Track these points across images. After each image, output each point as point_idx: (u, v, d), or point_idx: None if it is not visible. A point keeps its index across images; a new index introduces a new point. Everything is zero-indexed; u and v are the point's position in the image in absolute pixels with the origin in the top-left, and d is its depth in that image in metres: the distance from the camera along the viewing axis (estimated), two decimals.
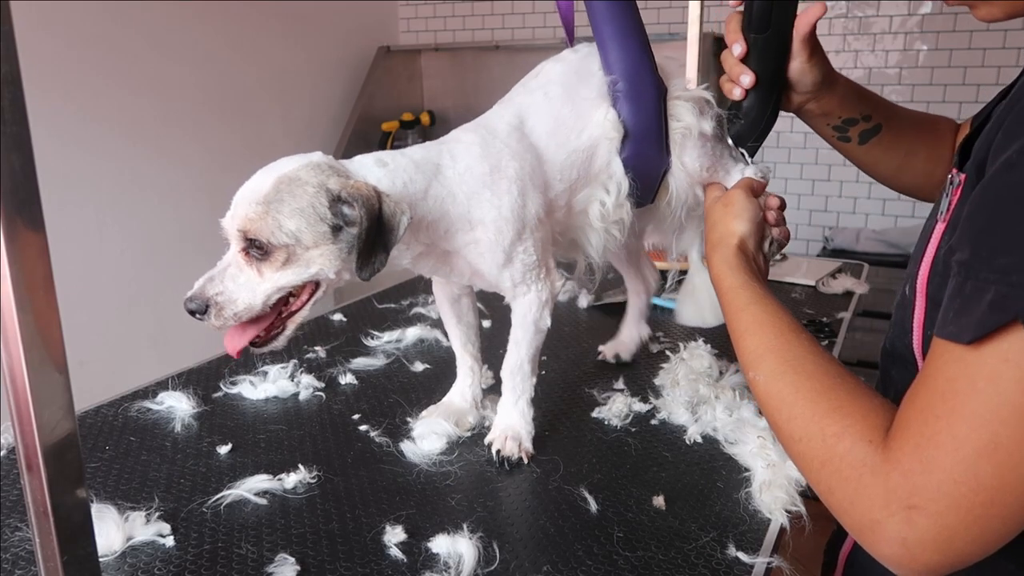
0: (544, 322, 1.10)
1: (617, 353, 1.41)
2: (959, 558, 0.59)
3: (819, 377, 0.72)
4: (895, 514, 0.59)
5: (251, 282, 0.90)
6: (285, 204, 0.88)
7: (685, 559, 0.85)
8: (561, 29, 1.22)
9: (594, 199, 1.12)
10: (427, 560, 0.85)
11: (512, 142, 1.05)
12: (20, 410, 0.56)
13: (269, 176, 0.90)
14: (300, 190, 0.88)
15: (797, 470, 0.75)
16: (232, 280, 0.90)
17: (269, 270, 0.90)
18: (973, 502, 0.56)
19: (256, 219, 0.88)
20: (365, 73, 3.52)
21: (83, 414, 1.21)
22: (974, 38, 2.71)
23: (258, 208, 0.88)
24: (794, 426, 0.70)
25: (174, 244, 2.77)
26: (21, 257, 0.53)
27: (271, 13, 3.08)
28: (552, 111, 1.09)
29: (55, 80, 2.37)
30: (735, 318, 0.85)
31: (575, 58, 1.14)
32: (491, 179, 1.01)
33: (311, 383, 1.31)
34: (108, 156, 2.56)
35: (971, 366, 0.57)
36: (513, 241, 1.02)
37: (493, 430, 1.10)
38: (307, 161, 0.91)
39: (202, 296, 0.90)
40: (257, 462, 1.07)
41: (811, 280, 1.86)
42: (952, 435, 0.57)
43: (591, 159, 1.10)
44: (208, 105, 2.89)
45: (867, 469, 0.62)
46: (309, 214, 0.88)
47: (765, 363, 0.77)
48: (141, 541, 0.89)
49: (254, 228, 0.88)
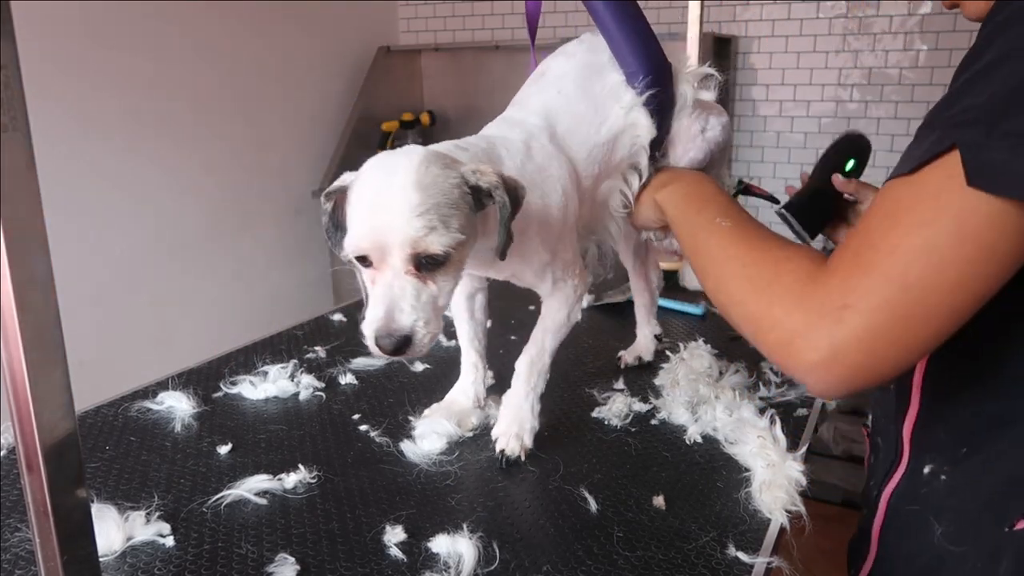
0: (575, 315, 1.11)
1: (638, 355, 1.40)
2: (881, 364, 0.63)
3: (769, 236, 0.81)
4: (828, 315, 0.64)
5: (433, 298, 0.85)
6: (443, 208, 0.83)
7: (685, 559, 0.85)
8: (562, 29, 1.23)
9: (615, 190, 1.13)
10: (427, 560, 0.85)
11: (545, 141, 1.04)
12: (20, 410, 0.56)
13: (402, 185, 0.82)
14: (447, 184, 0.84)
15: (739, 311, 0.76)
16: (420, 302, 0.84)
17: (441, 278, 0.86)
18: (902, 300, 0.61)
19: (424, 234, 0.81)
20: (365, 73, 3.51)
21: (83, 414, 1.20)
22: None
23: (418, 221, 0.81)
24: (747, 259, 0.78)
25: (174, 244, 2.77)
26: (21, 257, 0.53)
27: (271, 13, 3.07)
28: (570, 108, 1.08)
29: (55, 80, 2.37)
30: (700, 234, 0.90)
31: (582, 51, 1.13)
32: (540, 178, 1.01)
33: (311, 383, 1.31)
34: (108, 156, 2.56)
35: (914, 185, 0.62)
36: (557, 239, 1.03)
37: (499, 423, 1.10)
38: (419, 157, 0.86)
39: (399, 331, 0.83)
40: (257, 462, 1.07)
41: None
42: (890, 242, 0.62)
43: (611, 152, 1.10)
44: (208, 105, 2.88)
45: (809, 279, 0.68)
46: (463, 208, 0.85)
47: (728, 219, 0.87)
48: (141, 541, 0.89)
49: (427, 243, 0.82)
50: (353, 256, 0.86)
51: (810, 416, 1.19)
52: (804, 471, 0.97)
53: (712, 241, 0.85)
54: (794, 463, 0.98)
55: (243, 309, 2.95)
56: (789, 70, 2.99)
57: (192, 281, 2.80)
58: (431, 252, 0.83)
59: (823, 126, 2.97)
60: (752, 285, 0.74)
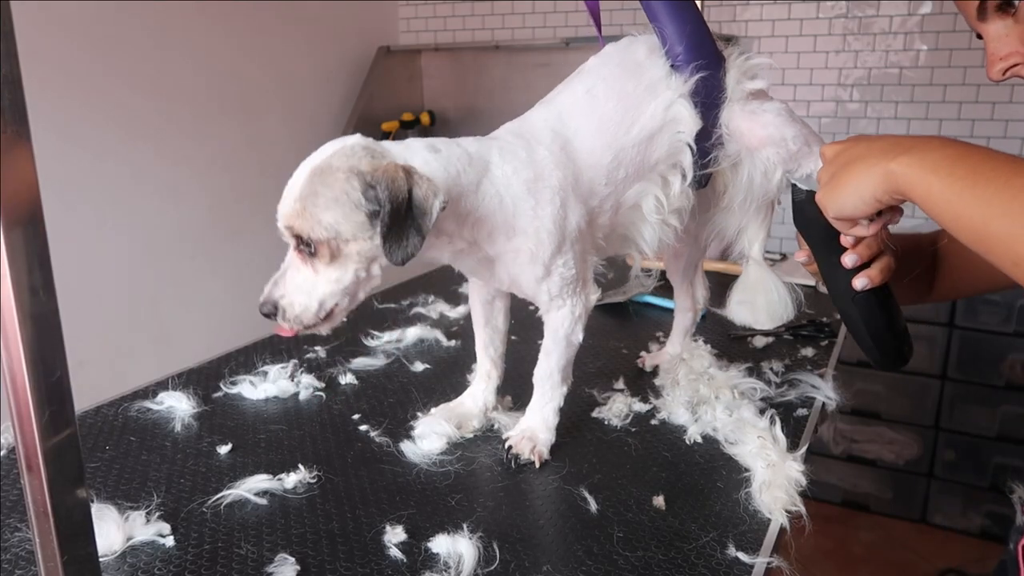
0: (576, 336, 1.07)
1: (657, 364, 1.37)
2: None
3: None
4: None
5: (308, 281, 0.90)
6: (320, 197, 0.87)
7: (685, 559, 0.85)
8: (562, 29, 1.22)
9: (648, 193, 1.08)
10: (427, 560, 0.85)
11: (555, 148, 1.01)
12: (20, 410, 0.56)
13: (304, 168, 0.90)
14: (331, 179, 0.87)
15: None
16: (291, 281, 0.91)
17: (321, 265, 0.90)
18: None
19: (295, 216, 0.88)
20: (365, 73, 3.51)
21: (83, 414, 1.20)
22: (974, 38, 2.71)
23: (296, 204, 0.88)
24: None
25: (174, 244, 2.77)
26: (21, 257, 0.53)
27: (271, 13, 3.07)
28: (596, 109, 1.04)
29: (55, 80, 2.37)
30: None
31: (616, 51, 1.10)
32: (535, 187, 0.98)
33: (311, 383, 1.31)
34: (108, 156, 2.55)
35: None
36: (553, 254, 1.00)
37: (515, 428, 1.10)
38: (340, 146, 0.90)
39: (270, 300, 0.92)
40: (257, 462, 1.07)
41: (810, 280, 1.86)
42: None
43: (645, 153, 1.05)
44: (208, 105, 2.88)
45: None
46: (344, 202, 0.87)
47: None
48: (141, 541, 0.89)
49: (296, 225, 0.88)
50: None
51: (810, 416, 1.19)
52: (804, 471, 0.97)
53: (1020, 181, 0.68)
54: (794, 463, 0.98)
55: (243, 309, 2.94)
56: (789, 70, 2.99)
57: (192, 281, 2.80)
58: (299, 234, 0.88)
59: (823, 126, 2.97)
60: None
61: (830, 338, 1.52)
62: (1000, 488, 2.60)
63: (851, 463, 2.85)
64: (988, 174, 0.71)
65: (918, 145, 0.77)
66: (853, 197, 0.80)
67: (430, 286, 1.87)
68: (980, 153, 0.73)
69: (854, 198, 0.80)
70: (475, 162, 0.95)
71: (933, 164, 0.75)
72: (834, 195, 0.83)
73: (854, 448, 2.83)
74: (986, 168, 0.71)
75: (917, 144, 0.77)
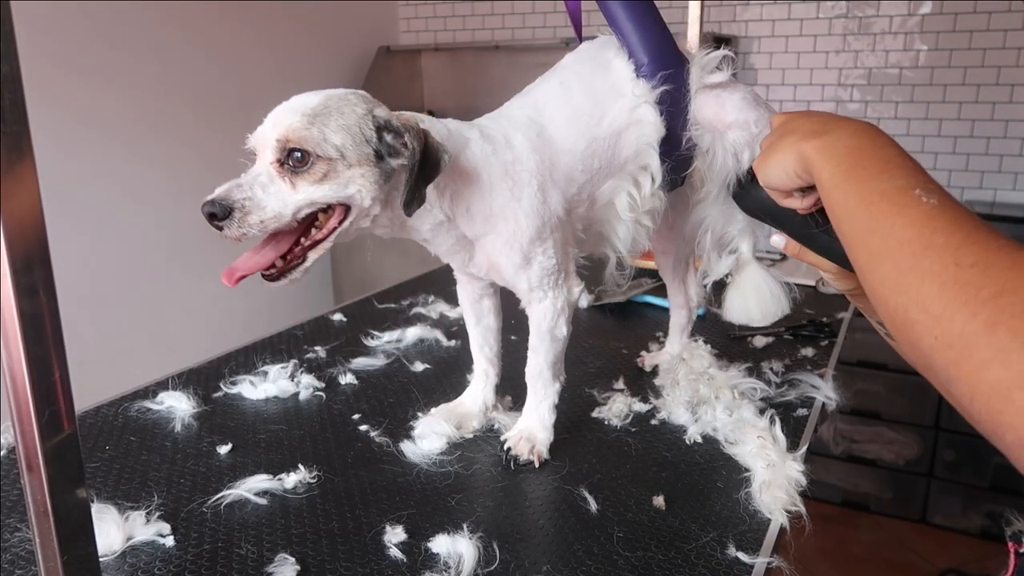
0: (560, 330, 1.07)
1: (657, 364, 1.37)
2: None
3: (994, 230, 0.58)
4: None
5: (282, 192, 0.88)
6: (332, 119, 0.88)
7: (685, 559, 0.85)
8: (562, 29, 1.22)
9: (621, 191, 1.10)
10: (427, 560, 0.85)
11: (532, 135, 1.04)
12: (20, 410, 0.56)
13: (316, 94, 0.90)
14: (349, 109, 0.89)
15: (932, 327, 0.55)
16: (262, 188, 0.88)
17: (304, 183, 0.88)
18: None
19: (301, 128, 0.87)
20: (365, 73, 3.51)
21: (83, 414, 1.20)
22: (974, 38, 2.71)
23: (304, 119, 0.87)
24: (964, 255, 0.56)
25: (174, 245, 2.77)
26: (21, 257, 0.53)
27: (271, 13, 3.08)
28: (569, 100, 1.08)
29: (55, 81, 2.37)
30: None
31: (590, 47, 1.14)
32: (513, 168, 1.00)
33: (311, 383, 1.31)
34: (108, 156, 2.56)
35: None
36: (532, 239, 1.00)
37: (513, 429, 1.10)
38: (349, 91, 0.92)
39: (227, 199, 0.86)
40: (257, 462, 1.07)
41: (810, 280, 1.86)
42: None
43: (614, 148, 1.08)
44: (208, 105, 2.88)
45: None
46: (355, 133, 0.88)
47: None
48: (141, 541, 0.89)
49: (298, 137, 0.87)
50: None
51: (810, 416, 1.19)
52: (804, 471, 0.97)
53: (902, 221, 0.61)
54: (794, 463, 0.98)
55: (243, 309, 2.94)
56: (789, 70, 2.99)
57: (192, 281, 2.80)
58: (299, 146, 0.86)
59: None
60: (966, 294, 0.53)
61: (830, 338, 1.52)
62: (999, 488, 2.60)
63: (851, 463, 2.85)
64: (885, 175, 0.66)
65: (835, 127, 0.73)
66: (777, 170, 0.79)
67: (430, 286, 1.87)
68: (892, 153, 0.68)
69: (778, 171, 0.79)
70: (454, 137, 0.98)
71: (839, 149, 0.71)
72: (764, 164, 0.82)
73: (854, 448, 2.83)
74: (894, 171, 0.66)
75: (836, 126, 0.74)
